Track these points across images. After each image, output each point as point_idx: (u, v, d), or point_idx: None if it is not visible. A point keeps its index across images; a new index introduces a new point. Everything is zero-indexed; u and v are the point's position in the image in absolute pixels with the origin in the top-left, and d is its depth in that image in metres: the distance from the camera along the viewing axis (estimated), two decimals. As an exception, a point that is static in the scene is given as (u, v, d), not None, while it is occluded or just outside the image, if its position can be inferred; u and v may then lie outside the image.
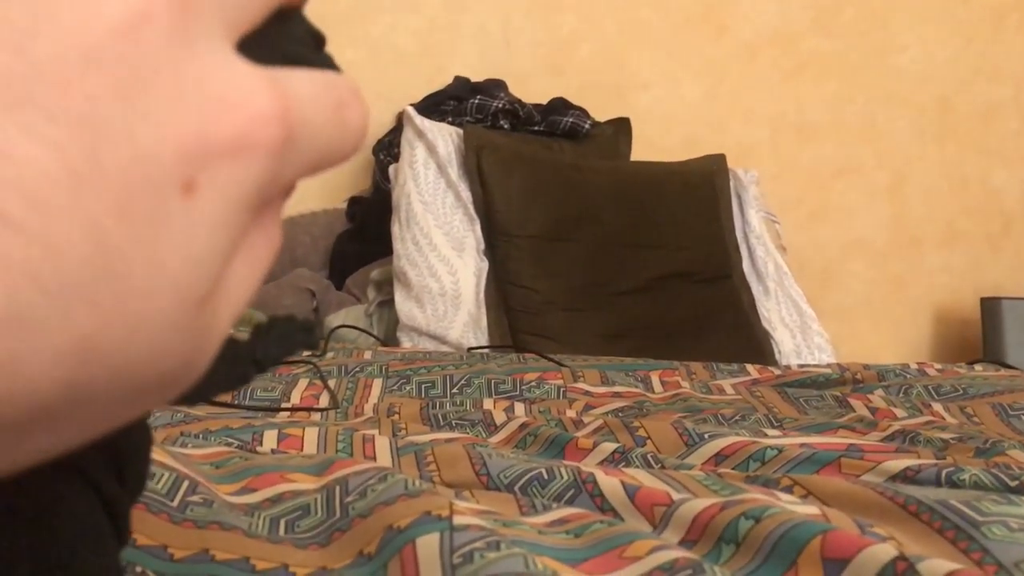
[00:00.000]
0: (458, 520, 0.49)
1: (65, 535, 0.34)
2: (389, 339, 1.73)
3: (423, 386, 1.18)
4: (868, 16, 2.26)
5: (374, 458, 0.76)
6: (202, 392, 0.36)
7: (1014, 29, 2.32)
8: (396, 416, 1.02)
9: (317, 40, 0.43)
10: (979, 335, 2.13)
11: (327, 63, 0.42)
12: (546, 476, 0.64)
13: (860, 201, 2.28)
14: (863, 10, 2.26)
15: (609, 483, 0.61)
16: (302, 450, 0.80)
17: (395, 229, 1.76)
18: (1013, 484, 0.67)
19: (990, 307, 2.10)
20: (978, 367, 1.43)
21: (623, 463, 0.77)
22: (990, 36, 2.31)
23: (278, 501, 0.62)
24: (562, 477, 0.64)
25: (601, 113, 2.02)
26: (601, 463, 0.78)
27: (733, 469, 0.77)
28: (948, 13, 2.30)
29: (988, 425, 1.06)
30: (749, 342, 1.79)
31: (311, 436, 0.83)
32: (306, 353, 1.39)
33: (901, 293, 2.29)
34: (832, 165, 2.26)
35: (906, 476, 0.71)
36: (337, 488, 0.62)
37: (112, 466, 0.37)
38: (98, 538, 0.36)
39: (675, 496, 0.58)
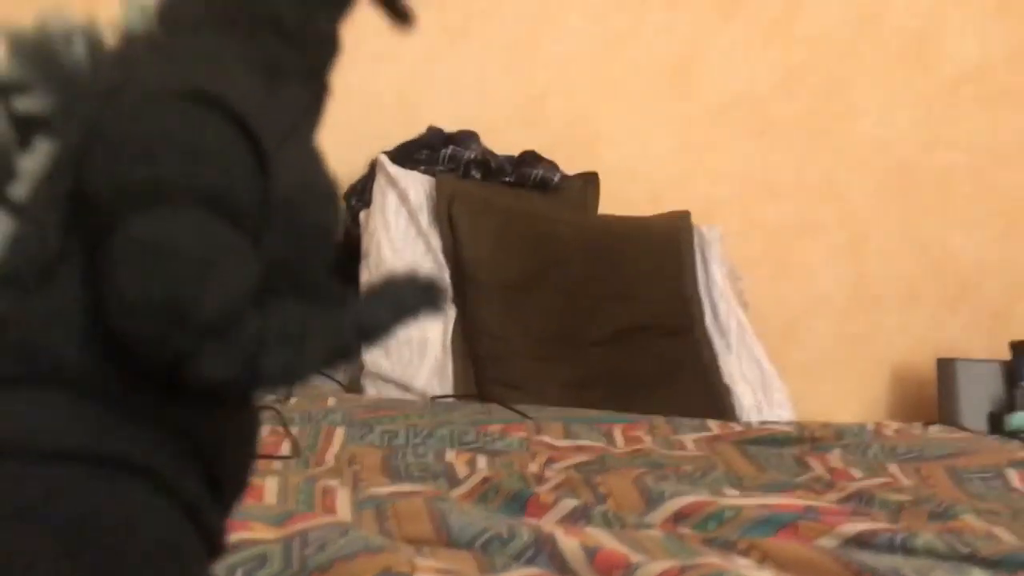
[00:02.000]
0: (419, 581, 0.49)
1: (134, 554, 0.28)
2: (353, 385, 1.72)
3: (386, 435, 1.18)
4: (832, 82, 2.32)
5: (334, 511, 0.76)
6: (297, 371, 0.29)
7: (969, 100, 2.40)
8: (358, 467, 1.02)
9: None
10: (935, 395, 2.16)
11: None
12: (506, 535, 0.65)
13: (821, 260, 2.32)
14: (827, 76, 2.32)
15: (569, 544, 0.62)
16: (262, 500, 0.80)
17: (364, 275, 1.77)
18: (965, 552, 0.69)
19: (946, 368, 2.14)
20: (933, 428, 1.46)
21: (584, 521, 0.78)
22: (947, 104, 2.39)
23: (236, 548, 0.61)
24: (522, 536, 0.64)
25: (571, 167, 2.05)
26: (562, 520, 0.79)
27: (692, 529, 0.78)
28: (908, 82, 2.37)
29: (941, 488, 1.08)
30: (710, 397, 1.80)
31: (271, 486, 0.82)
32: (270, 398, 1.37)
33: (860, 352, 2.32)
34: (794, 224, 2.30)
35: (861, 540, 0.72)
36: (296, 540, 0.61)
37: (198, 471, 0.30)
38: (178, 548, 0.30)
39: (634, 559, 0.59)
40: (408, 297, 0.32)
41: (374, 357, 1.67)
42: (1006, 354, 2.13)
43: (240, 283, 0.28)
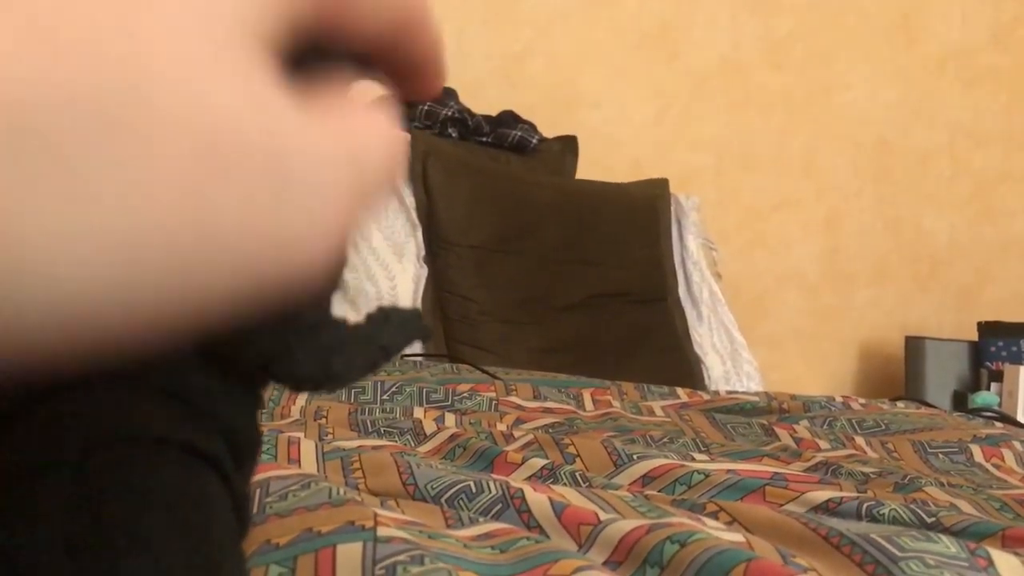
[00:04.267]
0: (382, 532, 0.48)
1: (219, 533, 0.31)
2: (321, 340, 1.70)
3: (353, 390, 1.16)
4: (817, 54, 2.31)
5: (299, 462, 0.75)
6: (340, 377, 0.34)
7: (952, 78, 2.40)
8: (323, 420, 1.00)
9: None
10: (902, 372, 2.18)
11: None
12: (474, 489, 0.64)
13: (796, 234, 2.32)
14: (812, 48, 2.31)
15: (537, 499, 0.61)
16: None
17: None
18: (930, 521, 0.69)
19: (914, 346, 2.16)
20: (900, 404, 1.47)
21: (551, 479, 0.77)
22: (930, 83, 2.39)
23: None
24: (490, 491, 0.63)
25: (550, 129, 2.03)
26: (529, 478, 0.78)
27: (660, 491, 0.78)
28: (892, 58, 2.36)
29: (907, 461, 1.08)
30: (680, 365, 1.80)
31: (234, 435, 0.81)
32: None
33: (830, 326, 2.34)
34: (772, 197, 2.30)
35: (828, 508, 0.72)
36: (257, 490, 0.60)
37: (232, 460, 0.34)
38: (235, 539, 0.32)
39: (602, 516, 0.58)
40: (410, 322, 0.35)
41: (343, 312, 1.65)
42: (973, 334, 2.15)
43: (325, 297, 0.33)
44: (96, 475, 0.30)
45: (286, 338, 0.32)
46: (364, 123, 0.20)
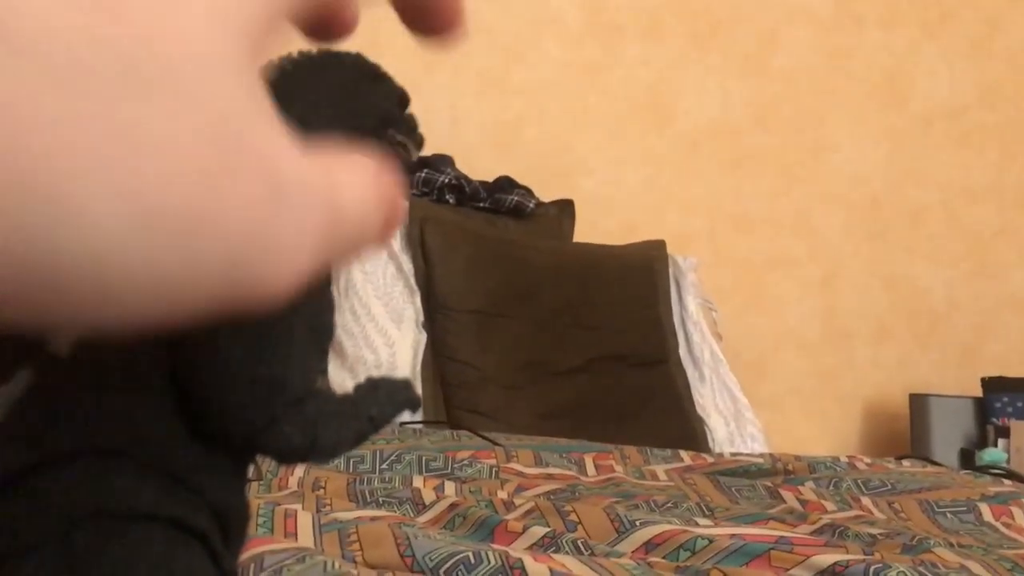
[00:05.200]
0: (377, 605, 0.47)
1: None
2: (320, 410, 1.69)
3: (352, 460, 1.15)
4: (806, 115, 2.34)
5: (295, 535, 0.73)
6: (327, 449, 0.32)
7: (941, 136, 2.43)
8: (321, 491, 0.99)
9: (403, 100, 0.44)
10: (907, 430, 2.16)
11: (411, 122, 0.43)
12: (473, 560, 0.63)
13: (793, 293, 2.32)
14: (801, 109, 2.34)
15: (537, 569, 0.59)
16: (220, 523, 0.77)
17: (333, 295, 1.74)
18: (940, 583, 0.68)
19: (918, 403, 2.15)
20: (906, 462, 1.45)
21: (553, 548, 0.75)
22: (919, 142, 2.42)
23: None
24: (489, 561, 0.62)
25: (546, 194, 2.04)
26: (531, 547, 0.76)
27: (663, 558, 0.76)
28: (881, 117, 2.39)
29: (915, 521, 1.06)
30: (683, 427, 1.79)
31: (230, 509, 0.79)
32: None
33: (832, 386, 2.32)
34: (767, 257, 2.31)
35: (835, 571, 0.70)
36: (252, 565, 0.59)
37: (221, 535, 0.33)
38: None
39: (604, 586, 0.57)
40: (398, 393, 0.36)
41: (342, 380, 1.64)
42: (976, 390, 2.14)
43: (311, 369, 0.33)
44: (82, 552, 0.29)
45: (272, 410, 0.32)
46: (352, 171, 0.20)
